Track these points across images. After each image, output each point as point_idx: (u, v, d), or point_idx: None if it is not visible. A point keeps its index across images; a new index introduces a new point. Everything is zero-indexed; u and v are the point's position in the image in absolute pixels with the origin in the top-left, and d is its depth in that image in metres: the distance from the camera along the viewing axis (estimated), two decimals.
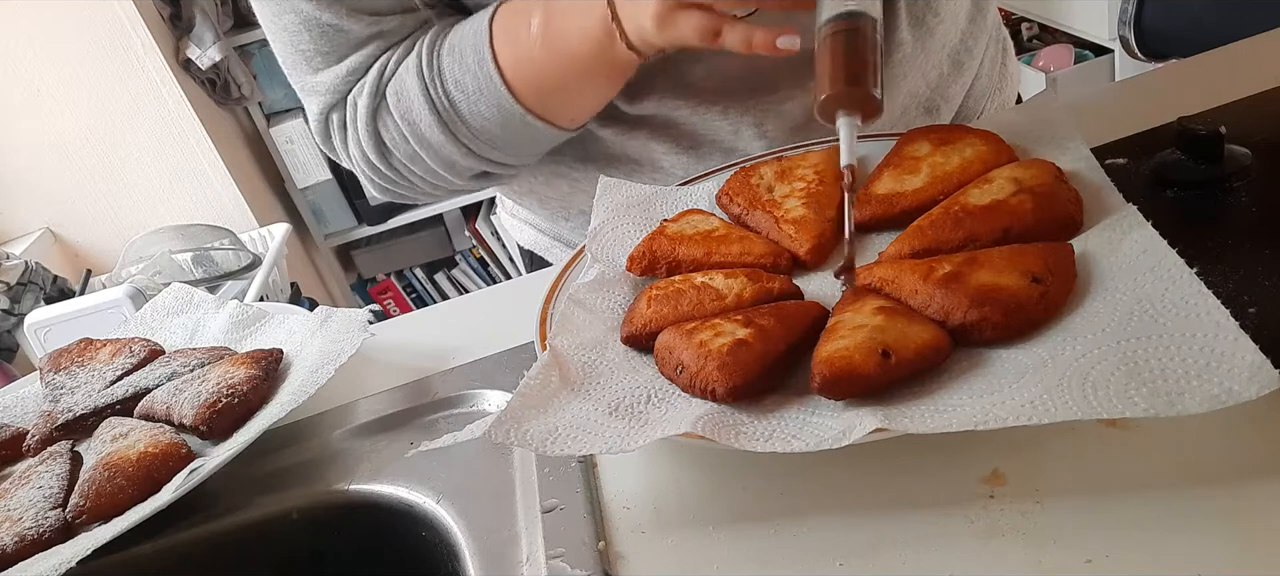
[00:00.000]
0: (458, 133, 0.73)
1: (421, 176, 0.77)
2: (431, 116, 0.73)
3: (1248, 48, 0.81)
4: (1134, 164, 0.66)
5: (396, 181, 0.78)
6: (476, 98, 0.72)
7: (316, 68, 0.74)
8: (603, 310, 0.62)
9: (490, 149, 0.75)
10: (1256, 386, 0.39)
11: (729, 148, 0.78)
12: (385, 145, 0.75)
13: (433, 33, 0.74)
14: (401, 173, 0.77)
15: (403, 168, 0.77)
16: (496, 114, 0.72)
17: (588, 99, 0.74)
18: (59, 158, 2.34)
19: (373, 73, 0.74)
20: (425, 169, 0.76)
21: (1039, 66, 2.25)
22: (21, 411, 0.81)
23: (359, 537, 0.63)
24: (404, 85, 0.73)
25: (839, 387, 0.47)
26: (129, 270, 2.03)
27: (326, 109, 0.76)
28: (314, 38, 0.73)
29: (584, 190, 0.83)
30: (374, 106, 0.74)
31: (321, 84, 0.75)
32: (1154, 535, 0.41)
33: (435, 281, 3.09)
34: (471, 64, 0.71)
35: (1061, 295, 0.50)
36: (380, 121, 0.74)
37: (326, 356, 0.69)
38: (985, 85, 0.88)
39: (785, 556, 0.46)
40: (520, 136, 0.74)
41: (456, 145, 0.74)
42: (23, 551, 0.61)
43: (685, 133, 0.77)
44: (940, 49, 0.80)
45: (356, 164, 0.78)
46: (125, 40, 2.25)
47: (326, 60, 0.74)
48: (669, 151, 0.78)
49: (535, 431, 0.49)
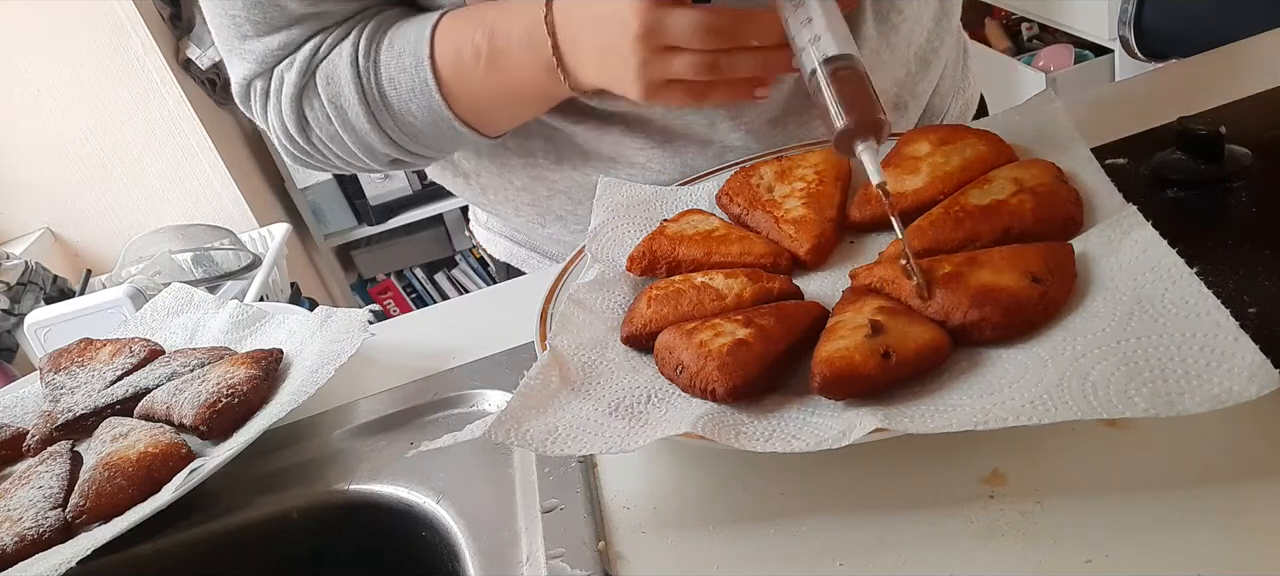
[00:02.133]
0: (383, 123, 0.74)
1: (338, 154, 0.78)
2: (360, 104, 0.73)
3: (1248, 48, 0.81)
4: (1134, 164, 0.66)
5: (311, 154, 0.79)
6: (409, 97, 0.73)
7: (245, 34, 0.74)
8: (603, 310, 0.62)
9: (412, 142, 0.76)
10: (1256, 386, 0.39)
11: (705, 140, 0.78)
12: (307, 122, 0.76)
13: (373, 23, 0.74)
14: (318, 148, 0.78)
15: (321, 144, 0.77)
16: (427, 115, 0.73)
17: (519, 117, 0.76)
18: (59, 158, 2.34)
19: (304, 51, 0.74)
20: (344, 149, 0.77)
21: (1039, 66, 2.25)
22: (21, 411, 0.81)
23: (359, 537, 0.63)
24: (336, 70, 0.73)
25: (839, 387, 0.47)
26: (129, 270, 2.03)
27: (251, 76, 0.76)
28: (247, 6, 0.72)
29: (561, 192, 0.83)
30: (302, 85, 0.74)
31: (249, 51, 0.75)
32: (1154, 535, 0.41)
33: (435, 281, 3.08)
34: (409, 65, 0.72)
35: (1061, 295, 0.50)
36: (306, 101, 0.75)
37: (326, 356, 0.69)
38: (950, 85, 0.90)
39: (785, 556, 0.46)
40: (444, 136, 0.76)
41: (380, 135, 0.75)
42: (23, 551, 0.61)
43: (658, 127, 0.77)
44: (906, 47, 0.81)
45: (272, 130, 0.78)
46: (125, 40, 2.25)
47: (257, 29, 0.73)
48: (643, 147, 0.78)
49: (535, 431, 0.49)
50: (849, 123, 0.56)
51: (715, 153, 0.78)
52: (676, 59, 0.62)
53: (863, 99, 0.57)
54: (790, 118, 0.78)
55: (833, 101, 0.57)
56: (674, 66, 0.62)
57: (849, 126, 0.56)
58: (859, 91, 0.57)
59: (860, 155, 0.56)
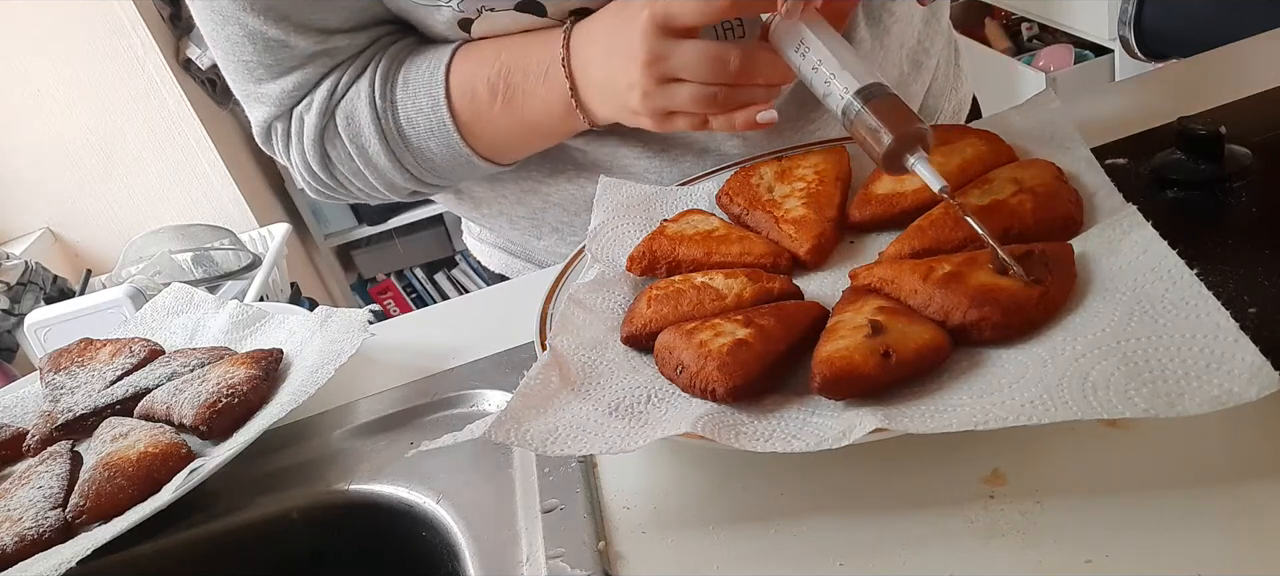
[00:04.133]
0: (403, 160, 0.76)
1: (360, 188, 0.80)
2: (380, 144, 0.75)
3: (1248, 48, 0.81)
4: (1134, 164, 0.66)
5: (335, 188, 0.80)
6: (427, 136, 0.74)
7: (259, 78, 0.74)
8: (603, 310, 0.62)
9: (432, 176, 0.79)
10: (1257, 388, 0.39)
11: (702, 148, 0.78)
12: (331, 161, 0.77)
13: (387, 59, 0.74)
14: (341, 183, 0.79)
15: (344, 180, 0.79)
16: (445, 152, 0.75)
17: (536, 149, 0.78)
18: (59, 158, 2.34)
19: (322, 91, 0.74)
20: (366, 183, 0.79)
21: (1039, 66, 2.25)
22: (21, 411, 0.81)
23: (359, 537, 0.63)
24: (355, 110, 0.74)
25: (839, 387, 0.47)
26: (129, 270, 2.03)
27: (270, 119, 0.76)
28: (258, 50, 0.72)
29: (556, 204, 0.83)
30: (322, 126, 0.75)
31: (266, 95, 0.75)
32: (1154, 535, 0.41)
33: (435, 281, 3.08)
34: (426, 107, 0.73)
35: (1061, 295, 0.50)
36: (328, 141, 0.76)
37: (326, 356, 0.69)
38: (942, 85, 0.90)
39: (785, 556, 0.46)
40: (463, 170, 0.78)
41: (401, 171, 0.77)
42: (23, 551, 0.61)
43: (654, 137, 0.77)
44: (898, 47, 0.81)
45: (295, 167, 0.79)
46: (125, 40, 2.25)
47: (270, 72, 0.73)
48: (640, 156, 0.78)
49: (535, 431, 0.49)
50: (892, 139, 0.56)
51: (712, 160, 0.78)
52: (681, 89, 0.62)
53: (899, 114, 0.56)
54: (786, 124, 0.78)
55: (872, 127, 0.57)
56: (678, 97, 0.63)
57: (893, 144, 0.56)
58: (894, 107, 0.57)
59: (912, 168, 0.56)
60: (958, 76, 0.94)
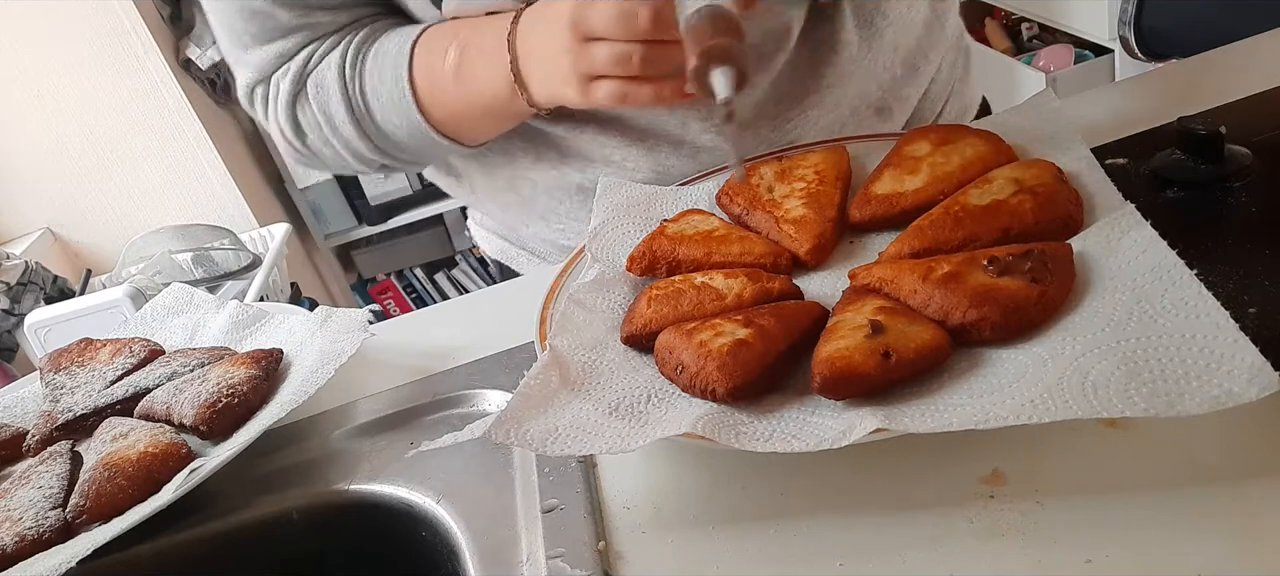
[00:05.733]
0: (368, 131, 0.79)
1: (332, 157, 0.83)
2: (346, 114, 0.78)
3: (1248, 48, 0.81)
4: (1134, 164, 0.66)
5: (310, 157, 0.84)
6: (390, 108, 0.77)
7: (246, 45, 0.79)
8: (603, 310, 0.62)
9: (396, 150, 0.81)
10: (1256, 388, 0.39)
11: (677, 139, 0.79)
12: (302, 127, 0.81)
13: (362, 34, 0.78)
14: (314, 151, 0.83)
15: (316, 148, 0.82)
16: (406, 125, 0.77)
17: (491, 130, 0.80)
18: (59, 158, 2.34)
19: (298, 60, 0.78)
20: (335, 153, 0.82)
21: (1039, 66, 2.25)
22: (21, 411, 0.81)
23: (359, 537, 0.64)
24: (325, 80, 0.78)
25: (839, 387, 0.47)
26: (129, 270, 2.03)
27: (252, 83, 0.82)
28: (245, 20, 0.77)
29: (542, 191, 0.84)
30: (294, 93, 0.79)
31: (250, 60, 0.80)
32: (1154, 535, 0.41)
33: (435, 281, 3.08)
34: (389, 80, 0.76)
35: (1061, 295, 0.50)
36: (299, 107, 0.80)
37: (326, 356, 0.69)
38: (941, 89, 0.89)
39: (785, 556, 0.46)
40: (424, 146, 0.80)
41: (366, 142, 0.80)
42: (23, 551, 0.61)
43: (632, 127, 0.78)
44: (891, 51, 0.81)
45: (275, 133, 0.83)
46: (125, 40, 2.25)
47: (256, 40, 0.78)
48: (620, 145, 0.79)
49: (535, 431, 0.49)
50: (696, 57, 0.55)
51: (688, 152, 0.79)
52: (599, 49, 0.63)
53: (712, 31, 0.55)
54: (763, 122, 0.78)
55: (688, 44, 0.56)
56: (598, 58, 0.63)
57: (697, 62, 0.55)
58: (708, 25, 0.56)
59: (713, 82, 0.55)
60: (965, 81, 0.93)
